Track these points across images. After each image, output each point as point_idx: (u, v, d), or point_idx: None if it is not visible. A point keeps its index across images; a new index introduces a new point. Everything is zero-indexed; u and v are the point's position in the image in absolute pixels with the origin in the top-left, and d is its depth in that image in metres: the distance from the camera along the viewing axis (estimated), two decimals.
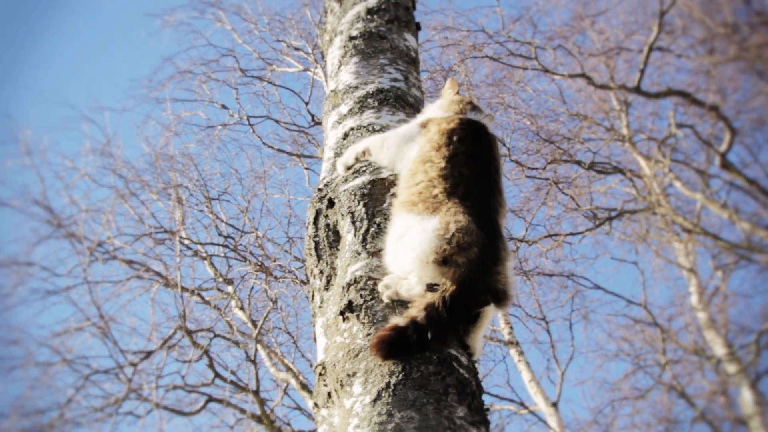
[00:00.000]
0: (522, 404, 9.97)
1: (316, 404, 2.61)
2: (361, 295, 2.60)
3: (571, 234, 9.25)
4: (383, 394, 2.35)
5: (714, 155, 8.01)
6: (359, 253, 2.74)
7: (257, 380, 7.66)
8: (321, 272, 2.87)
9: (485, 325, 2.62)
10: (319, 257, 2.91)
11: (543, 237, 9.10)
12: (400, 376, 2.37)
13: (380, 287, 2.56)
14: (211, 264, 9.30)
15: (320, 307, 2.79)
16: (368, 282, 2.63)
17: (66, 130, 20.13)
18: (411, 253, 2.54)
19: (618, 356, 9.55)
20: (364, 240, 2.77)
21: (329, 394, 2.51)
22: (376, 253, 2.72)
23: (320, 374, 2.58)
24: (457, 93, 3.21)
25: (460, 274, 2.48)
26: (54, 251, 13.08)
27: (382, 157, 2.99)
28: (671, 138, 9.24)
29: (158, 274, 8.98)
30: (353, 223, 2.84)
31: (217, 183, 10.20)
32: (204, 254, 9.29)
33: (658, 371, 9.49)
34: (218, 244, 9.28)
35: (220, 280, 9.08)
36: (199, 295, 8.85)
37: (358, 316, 2.57)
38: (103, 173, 10.47)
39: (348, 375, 2.45)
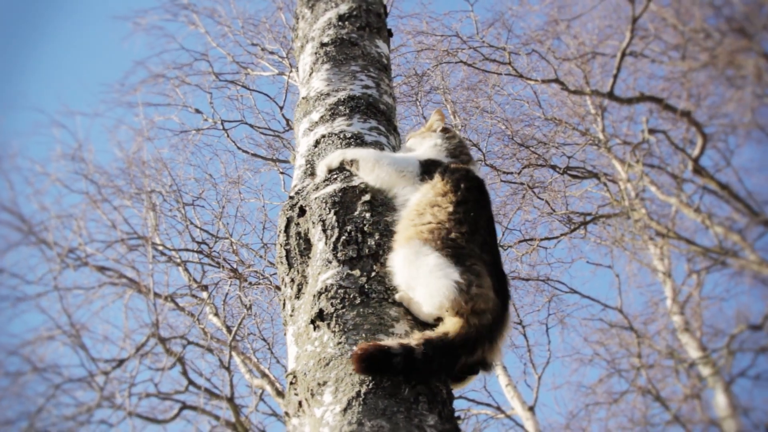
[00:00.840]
0: (499, 408, 10.01)
1: (287, 413, 2.61)
2: (332, 304, 2.61)
3: (547, 238, 9.31)
4: (354, 403, 2.35)
5: (687, 160, 8.09)
6: (330, 262, 2.74)
7: (231, 387, 7.64)
8: (292, 280, 2.87)
9: (466, 385, 2.73)
10: (290, 265, 2.91)
11: (519, 242, 9.15)
12: (371, 385, 2.37)
13: (397, 297, 2.61)
14: (186, 270, 9.26)
15: (291, 315, 2.79)
16: (339, 291, 2.63)
17: (36, 135, 19.91)
18: (430, 299, 2.58)
19: (593, 360, 9.61)
20: (335, 248, 2.77)
21: (300, 403, 2.52)
22: (347, 262, 2.72)
23: (291, 383, 2.58)
24: (444, 128, 3.33)
25: (467, 332, 2.52)
26: (24, 258, 12.94)
27: (372, 176, 2.98)
28: (645, 143, 9.32)
29: (131, 280, 8.93)
30: (324, 231, 2.85)
31: (191, 188, 10.15)
32: (178, 260, 9.24)
33: (633, 375, 9.55)
34: (192, 250, 9.25)
35: (195, 286, 9.04)
36: (173, 301, 8.81)
37: (328, 324, 2.57)
38: (74, 178, 10.39)
39: (318, 384, 2.46)
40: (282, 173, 9.94)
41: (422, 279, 2.61)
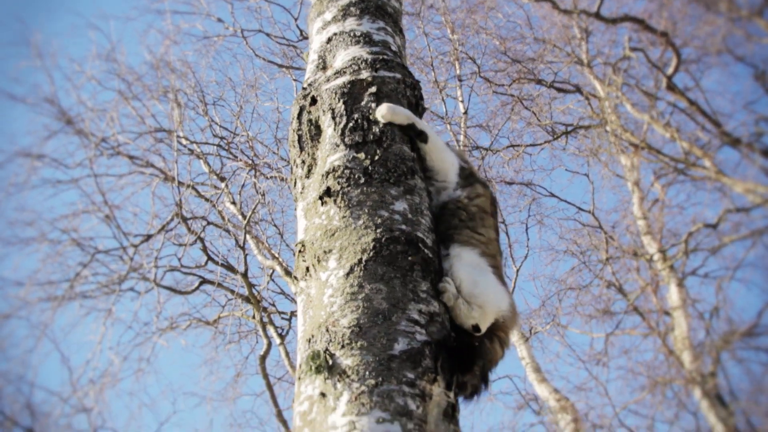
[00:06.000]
0: None
1: (295, 277, 2.64)
2: (338, 183, 2.60)
3: (532, 145, 9.26)
4: (355, 269, 2.38)
5: (661, 78, 7.96)
6: (338, 146, 2.72)
7: (246, 264, 7.72)
8: (303, 162, 2.85)
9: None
10: (301, 148, 2.89)
11: (506, 147, 9.10)
12: (371, 254, 2.39)
13: (446, 287, 2.48)
14: (206, 162, 9.24)
15: (301, 192, 2.79)
16: (345, 171, 2.62)
17: (74, 36, 19.54)
18: (494, 303, 2.57)
19: (566, 254, 9.69)
20: (342, 134, 2.75)
21: (307, 269, 2.54)
22: (353, 146, 2.70)
23: (300, 251, 2.60)
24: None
25: (489, 346, 2.58)
26: (63, 145, 12.91)
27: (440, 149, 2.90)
28: (624, 61, 9.16)
29: (158, 168, 8.91)
30: (333, 118, 2.81)
31: (212, 90, 10.03)
32: (199, 153, 9.21)
33: (600, 269, 9.66)
34: (212, 144, 9.20)
35: (214, 177, 9.03)
36: (194, 189, 8.81)
37: (335, 200, 2.57)
38: (108, 77, 10.23)
39: (324, 252, 2.48)
40: (295, 80, 9.79)
41: (491, 287, 2.62)
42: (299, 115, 2.97)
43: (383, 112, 2.74)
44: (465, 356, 2.44)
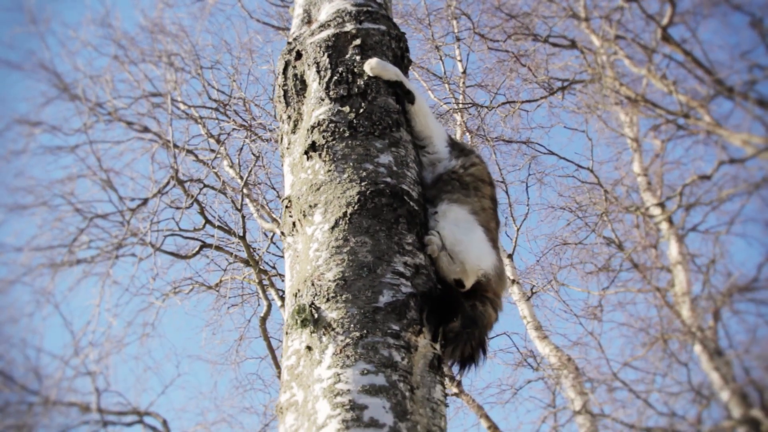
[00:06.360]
0: None
1: (282, 233, 2.62)
2: (323, 137, 2.56)
3: (527, 101, 9.16)
4: (340, 222, 2.35)
5: (658, 33, 7.82)
6: (323, 99, 2.68)
7: (244, 227, 7.70)
8: (289, 117, 2.81)
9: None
10: (287, 104, 2.85)
11: (502, 103, 9.00)
12: (356, 207, 2.36)
13: (431, 239, 2.45)
14: (204, 125, 9.18)
15: (288, 148, 2.75)
16: (330, 125, 2.58)
17: (68, 0, 19.27)
18: (475, 260, 2.52)
19: (564, 210, 9.61)
20: (327, 87, 2.70)
21: (294, 224, 2.52)
22: (338, 99, 2.66)
23: (286, 206, 2.57)
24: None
25: (481, 309, 2.55)
26: (60, 111, 12.85)
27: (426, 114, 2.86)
28: (618, 11, 8.98)
29: (153, 132, 8.86)
30: (318, 72, 2.77)
31: (209, 53, 9.92)
32: (197, 117, 9.14)
33: (599, 225, 9.59)
34: (209, 107, 9.13)
35: (212, 140, 8.98)
36: (193, 153, 8.78)
37: (320, 155, 2.54)
38: (103, 42, 10.12)
39: (310, 206, 2.45)
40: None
41: (475, 243, 2.57)
42: (285, 70, 2.92)
43: (372, 65, 2.69)
44: (451, 308, 2.42)
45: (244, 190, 7.88)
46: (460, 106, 9.25)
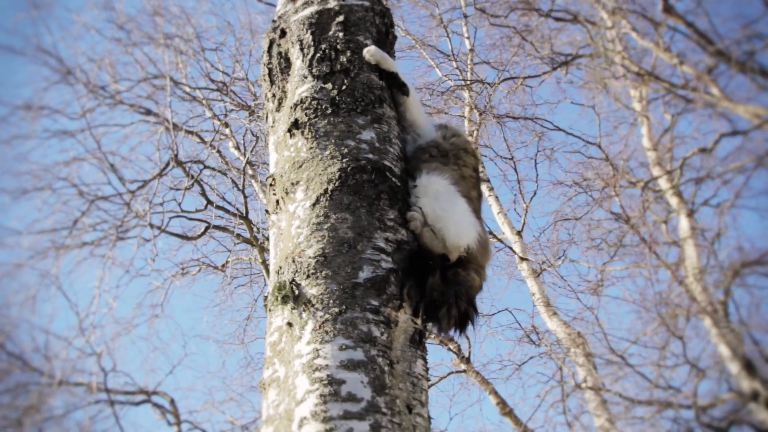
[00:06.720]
0: (491, 233, 10.12)
1: (267, 211, 2.62)
2: (306, 114, 2.56)
3: (530, 77, 9.08)
4: (321, 199, 2.35)
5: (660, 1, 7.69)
6: (306, 77, 2.67)
7: (246, 206, 7.71)
8: (273, 96, 2.80)
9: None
10: (272, 82, 2.84)
11: (504, 79, 8.93)
12: (337, 183, 2.36)
13: (413, 215, 2.44)
14: (209, 107, 9.18)
15: (272, 126, 2.75)
16: (312, 102, 2.58)
17: None
18: (455, 237, 2.48)
19: (573, 186, 9.56)
20: (310, 65, 2.69)
21: (277, 202, 2.52)
22: (321, 77, 2.65)
23: (270, 185, 2.57)
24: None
25: (463, 273, 2.52)
26: (62, 95, 12.88)
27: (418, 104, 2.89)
28: None
29: (155, 114, 8.87)
30: (302, 49, 2.75)
31: (213, 35, 9.90)
32: (201, 98, 9.14)
33: (607, 202, 9.54)
34: (211, 89, 9.12)
35: (217, 122, 8.99)
36: (198, 135, 8.80)
37: (302, 132, 2.54)
38: (106, 26, 10.12)
39: (292, 183, 2.45)
40: None
41: (456, 217, 2.54)
42: (269, 48, 2.91)
43: (372, 52, 2.68)
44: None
45: (247, 170, 7.88)
46: (465, 83, 9.18)
